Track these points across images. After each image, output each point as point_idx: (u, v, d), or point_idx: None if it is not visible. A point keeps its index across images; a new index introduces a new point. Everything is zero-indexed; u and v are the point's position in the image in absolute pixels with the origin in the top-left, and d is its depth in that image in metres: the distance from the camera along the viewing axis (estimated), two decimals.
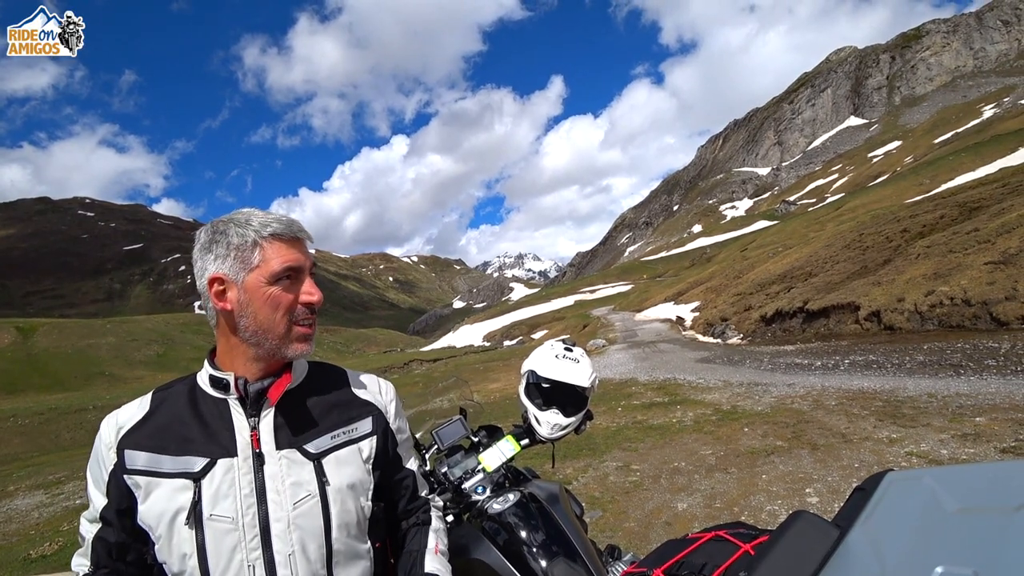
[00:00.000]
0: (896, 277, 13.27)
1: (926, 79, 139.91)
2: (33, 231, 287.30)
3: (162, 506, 0.98)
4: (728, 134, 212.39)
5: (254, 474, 1.00)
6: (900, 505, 0.68)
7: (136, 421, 1.04)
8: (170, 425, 1.03)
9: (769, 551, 0.72)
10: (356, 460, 1.11)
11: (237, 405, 1.05)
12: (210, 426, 1.03)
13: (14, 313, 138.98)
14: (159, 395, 1.09)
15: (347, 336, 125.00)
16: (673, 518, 4.30)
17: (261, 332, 1.02)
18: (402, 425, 1.26)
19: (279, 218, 1.05)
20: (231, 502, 0.98)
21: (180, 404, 1.06)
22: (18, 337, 61.47)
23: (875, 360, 9.55)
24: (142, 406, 1.07)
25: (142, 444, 1.01)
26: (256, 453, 1.02)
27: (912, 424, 5.63)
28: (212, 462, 1.00)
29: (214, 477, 0.99)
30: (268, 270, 1.01)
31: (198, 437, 1.02)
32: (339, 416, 1.12)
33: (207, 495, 0.98)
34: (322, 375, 1.18)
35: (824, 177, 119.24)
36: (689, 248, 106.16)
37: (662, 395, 9.60)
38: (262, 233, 1.01)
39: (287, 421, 1.06)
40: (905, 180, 52.86)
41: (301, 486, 1.02)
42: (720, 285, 29.21)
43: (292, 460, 1.03)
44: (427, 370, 32.48)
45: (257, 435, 1.03)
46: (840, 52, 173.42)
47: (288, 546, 0.99)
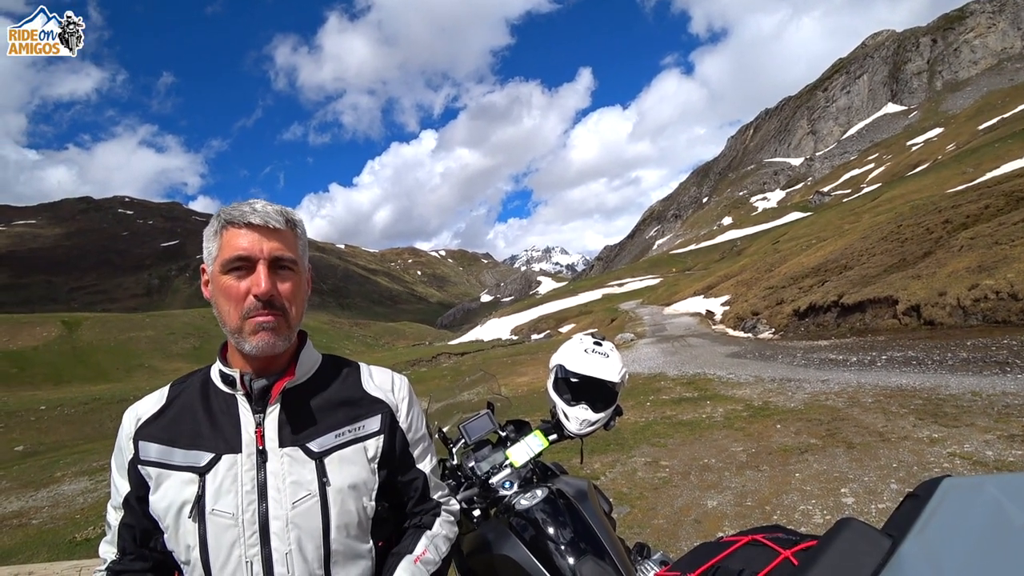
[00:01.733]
0: (937, 270, 12.77)
1: (970, 62, 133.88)
2: (76, 229, 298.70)
3: (170, 498, 0.99)
4: (759, 124, 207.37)
5: (256, 471, 1.00)
6: (960, 515, 0.62)
7: (152, 413, 1.06)
8: (182, 418, 1.05)
9: (814, 561, 0.68)
10: (361, 459, 1.09)
11: (244, 401, 1.04)
12: (219, 421, 1.03)
13: (60, 308, 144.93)
14: (176, 388, 1.10)
15: (376, 330, 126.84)
16: (703, 516, 4.22)
17: (223, 324, 1.03)
18: (416, 424, 1.23)
19: (247, 203, 1.02)
20: (232, 498, 0.98)
21: (193, 398, 1.07)
22: (64, 331, 64.12)
23: (914, 356, 9.22)
24: (160, 398, 1.08)
25: (156, 436, 1.03)
26: (260, 450, 1.02)
27: (955, 423, 5.41)
28: (217, 457, 1.00)
29: (218, 472, 0.99)
30: (222, 259, 1.00)
31: (207, 432, 1.03)
32: (346, 414, 1.11)
33: (210, 490, 0.99)
34: (334, 371, 1.17)
35: (860, 167, 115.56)
36: (719, 241, 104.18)
37: (692, 390, 9.45)
38: (223, 220, 1.01)
39: (292, 418, 1.05)
40: (947, 169, 50.77)
41: (301, 485, 1.02)
42: (751, 278, 28.59)
43: (294, 458, 1.03)
44: (455, 363, 32.69)
45: (262, 432, 1.03)
46: (877, 36, 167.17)
47: (286, 544, 0.99)
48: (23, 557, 5.96)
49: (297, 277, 1.05)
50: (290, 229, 1.05)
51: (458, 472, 1.79)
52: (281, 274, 1.02)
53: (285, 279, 1.03)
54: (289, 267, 1.04)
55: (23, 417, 29.66)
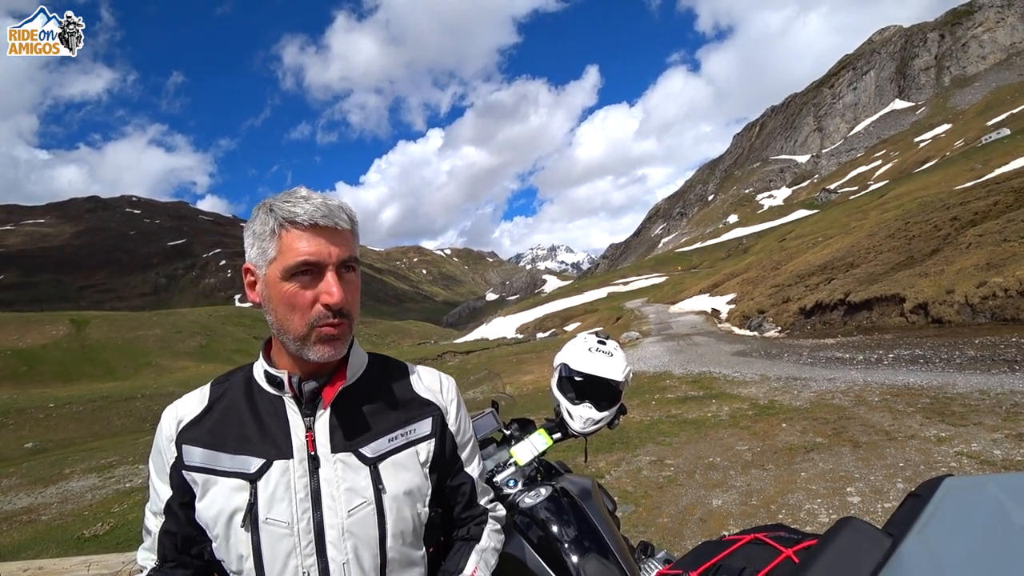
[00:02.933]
0: (945, 268, 12.69)
1: (978, 57, 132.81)
2: (85, 228, 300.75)
3: (219, 505, 0.94)
4: (765, 121, 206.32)
5: (309, 477, 0.96)
6: (961, 514, 0.62)
7: (195, 415, 1.00)
8: (228, 421, 0.99)
9: (815, 559, 0.68)
10: (414, 464, 1.04)
11: (293, 404, 0.99)
12: (266, 424, 0.98)
13: (69, 306, 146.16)
14: (218, 388, 1.04)
15: (382, 328, 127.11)
16: (708, 515, 4.22)
17: (282, 331, 0.95)
18: (464, 426, 1.18)
19: (308, 199, 0.92)
20: (286, 506, 0.94)
21: (238, 399, 1.01)
22: (72, 329, 64.59)
23: (921, 355, 9.16)
24: (201, 399, 1.02)
25: (200, 440, 0.98)
26: (312, 456, 0.97)
27: (962, 422, 5.38)
28: (268, 463, 0.95)
29: (270, 479, 0.94)
30: (282, 264, 0.91)
31: (255, 436, 0.97)
32: (397, 417, 1.06)
33: (263, 497, 0.94)
34: (382, 371, 1.11)
35: (867, 164, 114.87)
36: (725, 239, 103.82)
37: (697, 389, 9.43)
38: (280, 219, 0.91)
39: (343, 422, 1.00)
40: (955, 165, 50.40)
41: (356, 492, 0.97)
42: (757, 277, 28.48)
43: (347, 464, 0.98)
44: (460, 362, 32.74)
45: (312, 436, 0.98)
46: (884, 32, 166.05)
47: (343, 554, 0.95)
48: (33, 552, 6.03)
49: (358, 278, 1.01)
50: (352, 228, 0.98)
51: None
52: (346, 277, 0.96)
53: (350, 282, 0.97)
54: (353, 268, 0.98)
55: (32, 414, 29.92)
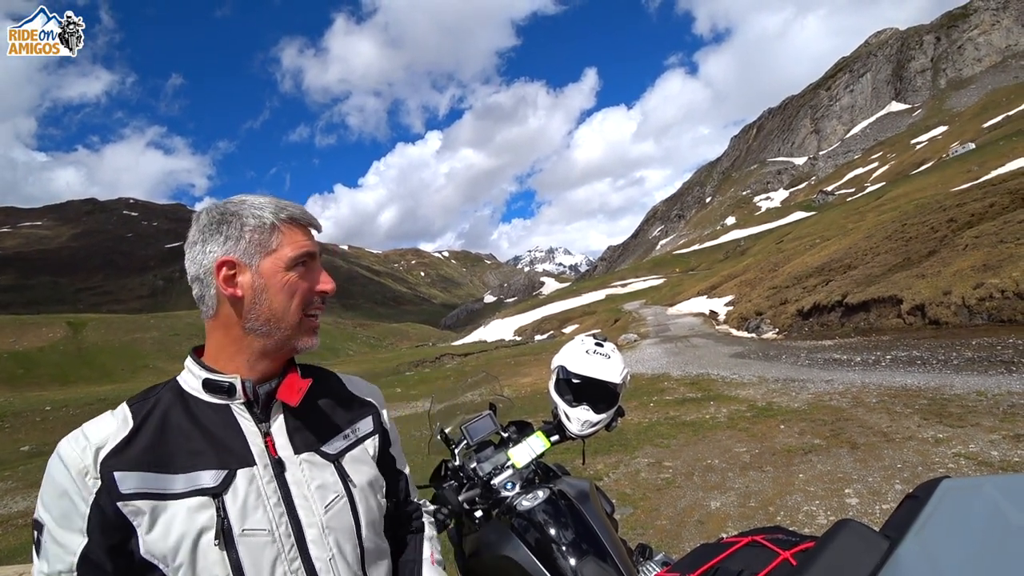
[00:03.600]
0: (942, 269, 12.73)
1: (974, 60, 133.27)
2: (82, 231, 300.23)
3: (180, 530, 0.85)
4: (763, 123, 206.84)
5: (277, 482, 0.94)
6: (958, 516, 0.62)
7: (121, 439, 0.88)
8: (167, 439, 0.90)
9: (812, 562, 0.68)
10: (367, 458, 1.09)
11: (243, 410, 0.96)
12: (215, 435, 0.93)
13: (66, 309, 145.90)
14: (140, 406, 0.93)
15: (380, 331, 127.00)
16: (706, 517, 4.22)
17: (274, 321, 0.96)
18: (392, 426, 1.24)
19: (291, 203, 1.02)
20: (263, 513, 0.90)
21: (173, 414, 0.93)
22: (69, 331, 64.45)
23: (919, 356, 9.18)
24: (123, 421, 0.90)
25: (136, 463, 0.86)
26: (275, 460, 0.95)
27: (960, 423, 5.39)
28: (231, 473, 0.90)
29: (237, 490, 0.90)
30: (285, 255, 0.97)
31: (205, 449, 0.91)
32: (344, 416, 1.09)
33: (233, 510, 0.88)
34: (316, 374, 1.12)
35: (864, 166, 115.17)
36: (723, 240, 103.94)
37: (695, 391, 9.44)
38: (280, 216, 0.98)
39: (299, 424, 1.01)
40: (951, 167, 50.53)
41: (327, 488, 0.98)
42: (755, 278, 28.53)
43: (313, 463, 0.99)
44: (458, 364, 32.71)
45: (272, 440, 0.96)
46: (880, 35, 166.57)
47: (326, 551, 0.95)
48: (28, 556, 6.00)
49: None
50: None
51: (460, 473, 1.79)
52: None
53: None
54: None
55: (28, 417, 29.84)
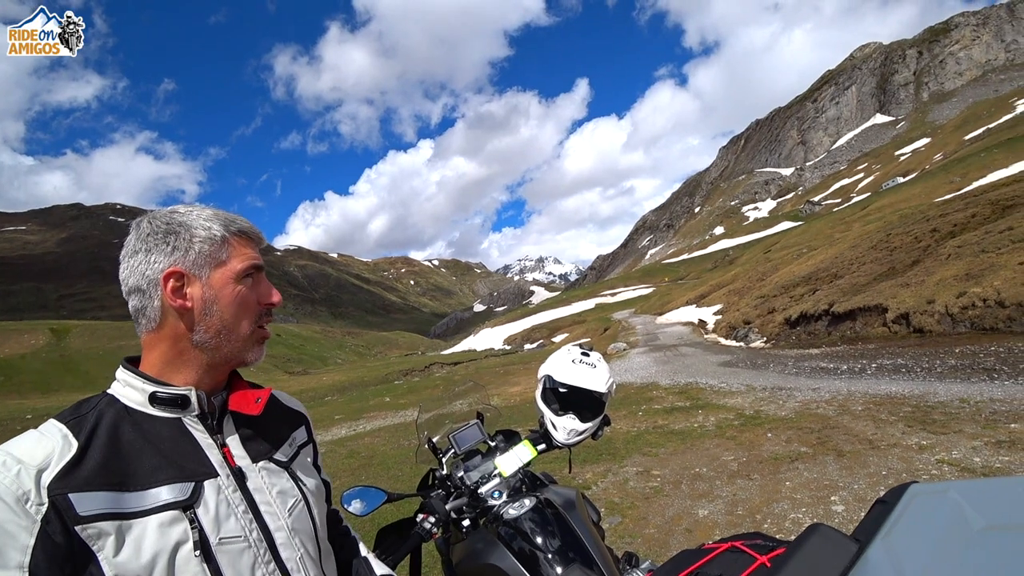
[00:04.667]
0: (926, 278, 12.92)
1: (955, 74, 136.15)
2: (67, 236, 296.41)
3: (153, 547, 0.82)
4: (750, 134, 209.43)
5: (241, 490, 0.95)
6: (923, 520, 0.65)
7: (68, 459, 0.81)
8: (121, 455, 0.86)
9: (783, 566, 0.70)
10: (309, 465, 1.13)
11: (196, 422, 0.95)
12: (170, 449, 0.90)
13: (49, 315, 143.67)
14: (76, 423, 0.87)
15: (369, 339, 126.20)
16: (694, 525, 4.24)
17: (225, 333, 0.96)
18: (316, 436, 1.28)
19: (239, 216, 1.03)
20: (235, 522, 0.92)
21: (120, 430, 0.89)
22: (52, 339, 63.42)
23: (904, 364, 9.30)
24: (66, 440, 0.83)
25: (94, 483, 0.81)
26: (235, 469, 0.96)
27: (943, 430, 5.47)
28: (199, 486, 0.89)
29: (208, 501, 0.89)
30: (235, 267, 0.98)
31: (162, 464, 0.88)
32: (283, 426, 1.12)
33: (207, 521, 0.88)
34: (250, 385, 1.12)
35: (849, 176, 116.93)
36: (711, 250, 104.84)
37: (684, 399, 9.48)
38: (230, 229, 0.99)
39: (251, 433, 1.03)
40: (934, 178, 51.43)
41: (287, 493, 1.01)
42: (743, 287, 28.76)
43: (270, 471, 1.01)
44: (448, 373, 32.59)
45: (229, 451, 0.97)
46: (865, 48, 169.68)
47: (296, 552, 0.99)
48: None
49: None
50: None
51: (448, 482, 1.79)
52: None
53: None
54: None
55: (9, 426, 29.15)
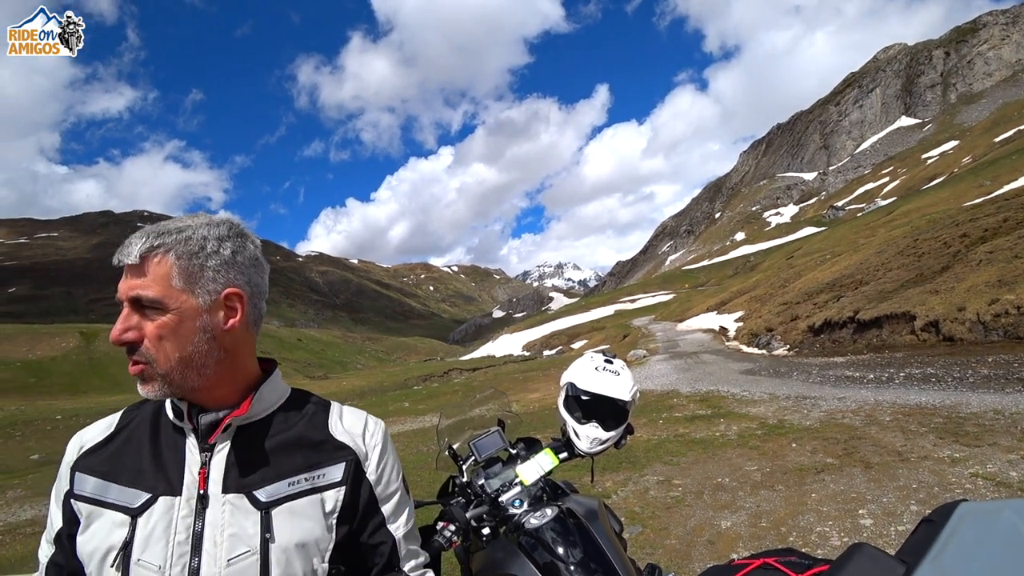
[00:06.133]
0: (956, 285, 12.58)
1: (984, 74, 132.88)
2: (97, 242, 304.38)
3: (97, 541, 0.86)
4: (771, 139, 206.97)
5: (194, 518, 0.87)
6: (976, 541, 0.61)
7: (97, 442, 0.94)
8: (127, 451, 0.92)
9: None
10: (316, 513, 0.93)
11: (192, 437, 0.92)
12: (164, 458, 0.91)
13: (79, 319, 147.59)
14: (128, 415, 0.98)
15: (388, 344, 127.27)
16: (716, 536, 4.15)
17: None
18: (389, 477, 1.04)
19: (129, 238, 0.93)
20: (161, 548, 0.85)
21: (142, 429, 0.94)
22: (81, 342, 65.02)
23: (933, 373, 9.05)
24: (108, 426, 0.96)
25: (95, 468, 0.91)
26: (200, 495, 0.88)
27: (976, 443, 5.29)
28: (153, 499, 0.87)
29: (151, 516, 0.86)
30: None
31: (149, 469, 0.90)
32: (305, 459, 0.95)
33: (140, 536, 0.85)
34: (298, 408, 1.02)
35: (874, 181, 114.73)
36: (732, 256, 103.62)
37: (705, 408, 9.34)
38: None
39: (241, 460, 0.91)
40: (964, 182, 50.17)
41: (240, 540, 0.87)
42: (765, 294, 28.35)
43: (236, 507, 0.89)
44: (466, 379, 32.64)
45: (206, 473, 0.89)
46: (889, 50, 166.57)
47: None
48: (35, 565, 6.00)
49: (165, 318, 0.86)
50: (146, 260, 0.86)
51: (468, 489, 1.78)
52: (148, 314, 0.87)
53: (151, 319, 0.87)
54: (154, 307, 0.86)
55: (39, 426, 30.03)
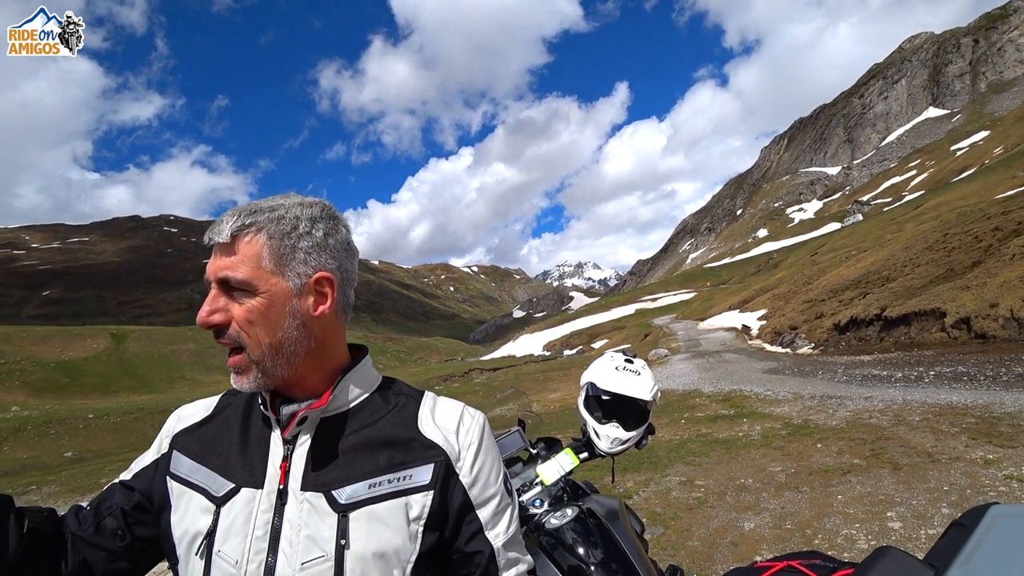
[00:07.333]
0: (988, 280, 12.23)
1: (1016, 62, 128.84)
2: (126, 246, 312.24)
3: (187, 524, 0.84)
4: (794, 133, 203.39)
5: (273, 514, 0.82)
6: (1008, 545, 0.60)
7: (196, 421, 0.94)
8: (220, 436, 0.90)
9: None
10: (398, 520, 0.82)
11: (278, 428, 0.87)
12: (251, 447, 0.87)
13: (110, 321, 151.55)
14: (226, 399, 0.96)
15: (409, 345, 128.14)
16: (739, 538, 4.10)
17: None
18: (488, 478, 0.91)
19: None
20: (240, 542, 0.80)
21: (236, 414, 0.92)
22: (112, 343, 66.78)
23: (965, 372, 8.81)
24: (207, 407, 0.96)
25: (190, 449, 0.90)
26: (280, 489, 0.83)
27: (1011, 444, 5.13)
28: (236, 489, 0.83)
29: (233, 507, 0.82)
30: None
31: (236, 457, 0.87)
32: (390, 459, 0.86)
33: (222, 526, 0.82)
34: (387, 399, 0.93)
35: (900, 174, 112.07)
36: (754, 253, 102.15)
37: (728, 407, 9.24)
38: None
39: (323, 456, 0.85)
40: (995, 173, 48.66)
41: (316, 543, 0.79)
42: (788, 292, 27.89)
43: (314, 506, 0.82)
44: (487, 379, 32.75)
45: (287, 467, 0.84)
46: (915, 39, 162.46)
47: None
48: None
49: (254, 301, 0.81)
50: (237, 239, 0.82)
51: None
52: (236, 296, 0.82)
53: (239, 302, 0.82)
54: (243, 288, 0.81)
55: (72, 425, 30.95)
